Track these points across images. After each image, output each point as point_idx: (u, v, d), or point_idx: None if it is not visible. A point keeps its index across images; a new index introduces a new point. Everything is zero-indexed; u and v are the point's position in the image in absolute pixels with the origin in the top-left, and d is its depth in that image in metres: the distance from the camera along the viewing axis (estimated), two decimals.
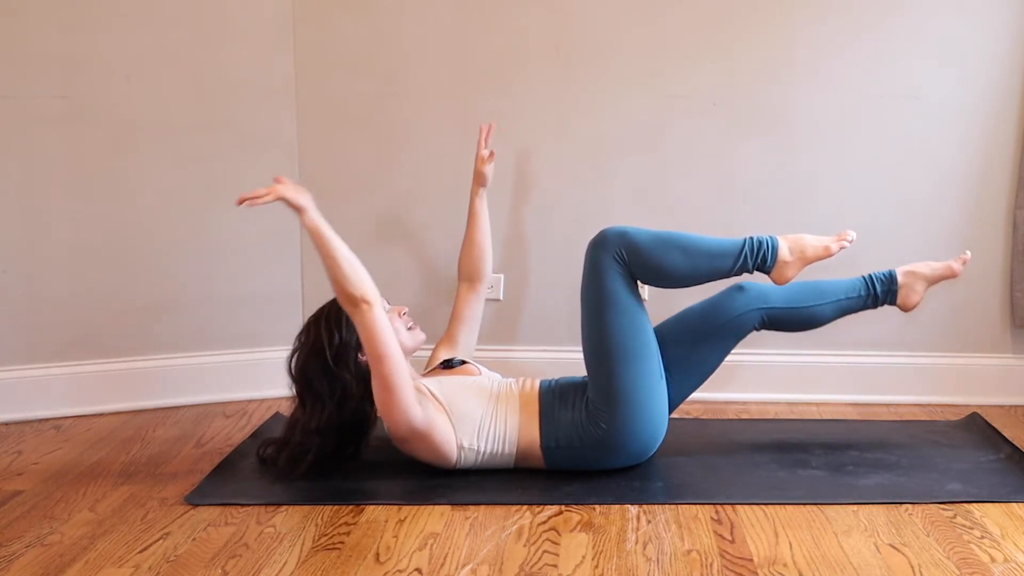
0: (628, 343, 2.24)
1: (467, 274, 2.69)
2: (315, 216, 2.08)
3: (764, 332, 2.80)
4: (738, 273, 2.33)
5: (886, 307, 2.46)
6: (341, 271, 2.06)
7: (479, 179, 2.70)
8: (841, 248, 2.38)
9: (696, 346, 2.35)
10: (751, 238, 2.33)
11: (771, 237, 2.34)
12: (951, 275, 2.45)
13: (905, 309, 2.44)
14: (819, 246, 2.35)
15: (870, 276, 2.42)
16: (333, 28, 2.87)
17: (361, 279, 2.07)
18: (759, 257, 2.32)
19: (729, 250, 2.31)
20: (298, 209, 2.07)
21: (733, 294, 2.37)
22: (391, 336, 2.10)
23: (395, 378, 2.09)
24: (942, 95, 2.79)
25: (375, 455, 2.37)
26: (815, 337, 2.88)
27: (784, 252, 2.33)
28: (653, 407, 2.24)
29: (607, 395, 2.22)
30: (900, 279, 2.41)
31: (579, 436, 2.22)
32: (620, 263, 2.26)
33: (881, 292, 2.41)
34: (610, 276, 2.26)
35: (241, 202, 2.05)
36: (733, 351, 2.84)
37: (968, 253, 2.46)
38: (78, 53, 2.72)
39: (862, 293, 2.41)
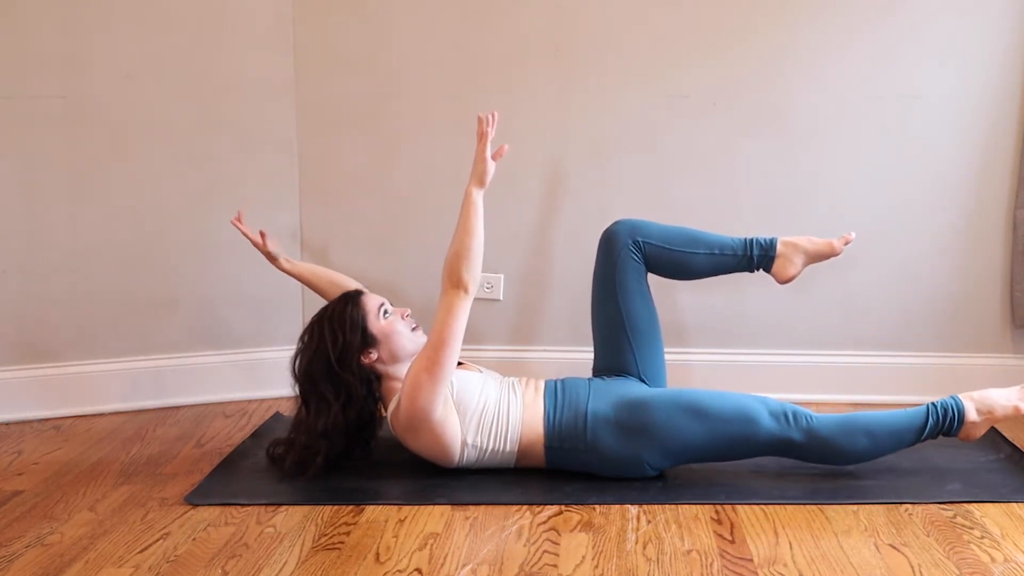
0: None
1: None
2: (480, 196, 2.20)
3: (764, 332, 2.80)
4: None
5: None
6: (469, 252, 2.14)
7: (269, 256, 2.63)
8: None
9: (620, 306, 2.40)
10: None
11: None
12: (832, 253, 2.42)
13: (780, 280, 2.43)
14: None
15: (752, 238, 2.42)
16: (333, 28, 2.87)
17: (476, 269, 2.16)
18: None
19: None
20: (480, 179, 2.20)
21: (609, 239, 2.43)
22: (463, 328, 2.15)
23: (444, 367, 2.12)
24: (942, 95, 2.79)
25: (375, 455, 2.36)
26: (815, 337, 2.89)
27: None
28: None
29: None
30: (779, 248, 2.41)
31: (583, 439, 2.21)
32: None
33: (757, 256, 2.40)
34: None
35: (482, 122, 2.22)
36: (735, 351, 2.84)
37: (852, 234, 2.44)
38: (78, 53, 2.72)
39: (738, 252, 2.41)
